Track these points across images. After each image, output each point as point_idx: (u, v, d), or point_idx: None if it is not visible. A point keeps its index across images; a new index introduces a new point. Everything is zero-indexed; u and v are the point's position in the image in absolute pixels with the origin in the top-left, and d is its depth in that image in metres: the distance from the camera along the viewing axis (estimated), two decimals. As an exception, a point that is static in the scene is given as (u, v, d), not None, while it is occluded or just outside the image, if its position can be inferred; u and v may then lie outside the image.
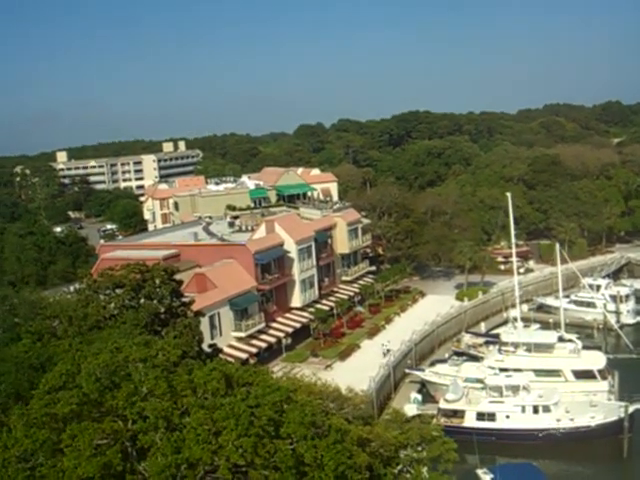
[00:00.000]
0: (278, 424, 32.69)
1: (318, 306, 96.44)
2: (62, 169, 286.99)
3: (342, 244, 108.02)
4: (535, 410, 70.17)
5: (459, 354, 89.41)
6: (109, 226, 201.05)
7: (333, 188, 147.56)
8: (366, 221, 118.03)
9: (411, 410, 70.73)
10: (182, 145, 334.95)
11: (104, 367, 34.27)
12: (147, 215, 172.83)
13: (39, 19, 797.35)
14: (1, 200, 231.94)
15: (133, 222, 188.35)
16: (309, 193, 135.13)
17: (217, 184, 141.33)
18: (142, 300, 53.37)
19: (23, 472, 30.62)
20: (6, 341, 50.18)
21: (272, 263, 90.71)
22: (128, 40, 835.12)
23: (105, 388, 34.12)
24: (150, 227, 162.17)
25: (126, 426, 33.71)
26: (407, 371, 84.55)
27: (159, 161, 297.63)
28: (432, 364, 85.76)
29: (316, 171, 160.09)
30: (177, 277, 59.47)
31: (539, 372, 77.37)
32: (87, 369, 34.42)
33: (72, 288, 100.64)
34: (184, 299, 57.51)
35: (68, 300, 55.23)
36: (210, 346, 59.66)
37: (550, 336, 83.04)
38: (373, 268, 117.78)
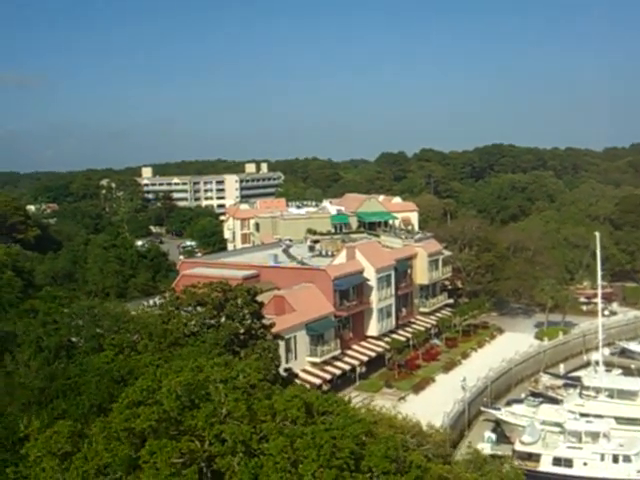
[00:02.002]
0: (359, 457, 31.82)
1: (394, 336, 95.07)
2: (146, 184, 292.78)
3: (422, 275, 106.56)
4: (615, 459, 67.44)
5: (536, 395, 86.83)
6: (189, 243, 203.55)
7: (414, 217, 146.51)
8: (447, 253, 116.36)
9: (485, 449, 68.81)
10: (264, 167, 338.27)
11: (185, 385, 33.97)
12: (227, 234, 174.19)
13: (125, 36, 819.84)
14: (86, 212, 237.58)
15: (213, 240, 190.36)
16: (390, 221, 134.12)
17: (298, 207, 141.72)
18: (223, 319, 53.23)
19: (102, 484, 30.45)
20: (88, 351, 50.53)
21: (351, 290, 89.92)
22: (215, 62, 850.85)
23: (185, 407, 33.79)
24: (229, 246, 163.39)
25: (203, 447, 33.30)
26: (483, 409, 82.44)
27: (241, 181, 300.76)
28: (508, 403, 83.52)
29: (397, 199, 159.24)
30: (257, 298, 59.16)
31: (621, 420, 74.34)
32: (168, 386, 34.16)
33: (152, 302, 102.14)
34: (264, 321, 57.12)
35: (150, 315, 55.33)
36: (286, 370, 59.06)
37: (634, 383, 79.95)
38: (451, 301, 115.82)
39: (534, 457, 69.72)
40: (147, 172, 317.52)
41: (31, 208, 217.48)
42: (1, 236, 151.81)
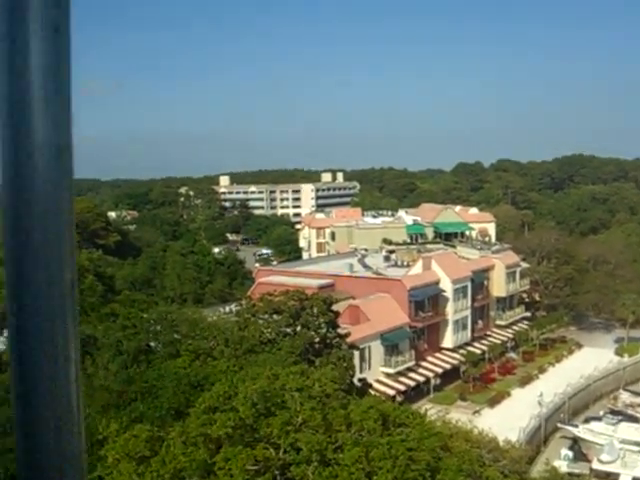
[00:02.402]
0: (434, 470, 31.45)
1: (470, 349, 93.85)
2: (224, 192, 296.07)
3: (499, 287, 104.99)
4: (697, 480, 65.22)
5: (615, 413, 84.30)
6: (264, 251, 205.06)
7: (491, 228, 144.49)
8: (525, 265, 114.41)
9: (561, 467, 67.28)
10: (340, 176, 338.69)
11: (261, 393, 34.16)
12: (302, 243, 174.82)
13: (202, 41, 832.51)
14: (165, 219, 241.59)
15: (288, 249, 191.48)
16: (467, 232, 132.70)
17: (374, 217, 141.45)
18: (299, 328, 53.35)
19: (178, 489, 30.77)
20: (166, 356, 51.27)
21: (426, 301, 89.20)
22: (293, 71, 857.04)
23: (260, 414, 33.95)
24: (304, 255, 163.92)
25: (277, 455, 33.37)
26: (560, 426, 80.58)
27: (317, 190, 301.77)
28: (586, 421, 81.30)
29: (474, 210, 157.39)
30: (333, 308, 59.14)
31: None
32: (244, 393, 34.40)
33: (228, 308, 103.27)
34: (339, 330, 57.04)
35: (226, 321, 55.89)
36: (360, 380, 58.80)
37: None
38: (528, 314, 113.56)
39: (612, 476, 67.89)
40: (225, 180, 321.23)
41: (112, 215, 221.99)
42: (83, 242, 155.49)
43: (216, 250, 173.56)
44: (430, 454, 31.36)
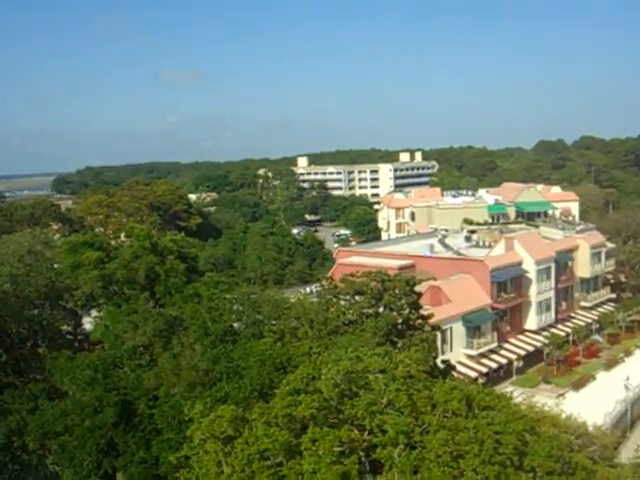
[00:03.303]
0: (522, 455, 30.99)
1: (553, 331, 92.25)
2: (302, 174, 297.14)
3: (583, 268, 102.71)
4: None
5: None
6: (343, 231, 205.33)
7: (574, 208, 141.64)
8: (610, 245, 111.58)
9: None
10: (418, 156, 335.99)
11: (345, 374, 34.14)
12: (381, 223, 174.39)
13: (279, 32, 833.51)
14: (244, 200, 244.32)
15: (367, 229, 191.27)
16: (550, 212, 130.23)
17: (454, 197, 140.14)
18: (381, 309, 53.14)
19: (267, 469, 30.99)
20: (249, 337, 51.73)
21: (509, 282, 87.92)
22: (371, 51, 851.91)
23: (344, 395, 33.96)
24: (384, 235, 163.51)
25: (362, 436, 33.37)
26: (647, 410, 78.59)
27: (395, 170, 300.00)
28: (675, 404, 79.20)
29: (556, 189, 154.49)
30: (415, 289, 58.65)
31: None
32: (328, 375, 34.44)
33: (308, 289, 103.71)
34: (422, 312, 56.64)
35: (310, 302, 56.03)
36: (443, 362, 58.27)
37: None
38: (614, 296, 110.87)
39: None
40: (302, 162, 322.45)
41: (192, 197, 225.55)
42: (165, 223, 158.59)
43: (295, 231, 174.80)
44: (517, 438, 30.91)
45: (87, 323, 74.73)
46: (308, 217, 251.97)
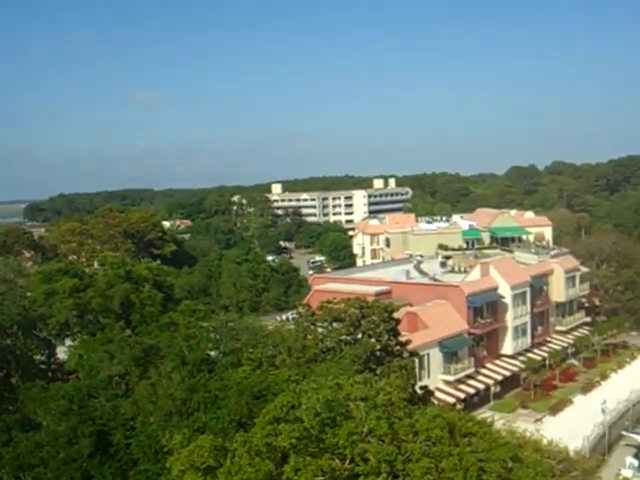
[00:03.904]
0: (506, 482, 30.79)
1: (530, 355, 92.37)
2: (276, 200, 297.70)
3: (558, 292, 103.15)
4: None
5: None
6: (318, 258, 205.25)
7: (547, 232, 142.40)
8: (584, 269, 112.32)
9: (627, 475, 65.57)
10: (392, 182, 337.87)
11: (325, 402, 33.79)
12: (356, 249, 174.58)
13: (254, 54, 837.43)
14: (219, 227, 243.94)
15: (342, 255, 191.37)
16: (524, 237, 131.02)
17: (429, 223, 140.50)
18: (359, 336, 52.95)
19: (247, 501, 30.52)
20: (227, 365, 51.28)
21: (485, 307, 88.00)
22: (345, 79, 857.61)
23: (325, 424, 33.58)
24: (359, 262, 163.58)
25: (344, 465, 32.99)
26: (624, 433, 78.58)
27: (369, 197, 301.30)
28: (652, 428, 79.38)
29: (530, 214, 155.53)
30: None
31: None
32: (308, 403, 34.07)
33: (284, 316, 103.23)
34: (400, 338, 56.50)
35: (287, 330, 55.73)
36: (421, 388, 58.11)
37: None
38: (589, 319, 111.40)
39: (680, 484, 65.98)
40: (277, 188, 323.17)
41: (166, 224, 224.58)
42: (139, 251, 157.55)
43: (270, 258, 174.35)
44: (501, 465, 30.71)
45: (61, 352, 73.78)
46: (283, 244, 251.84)
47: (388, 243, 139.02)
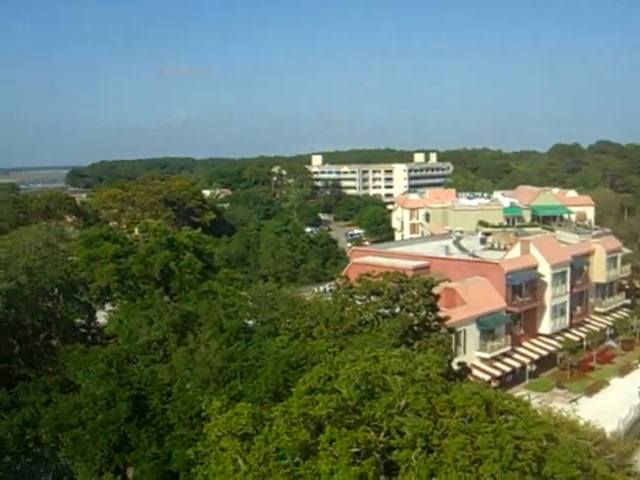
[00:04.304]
0: (541, 461, 30.62)
1: (567, 335, 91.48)
2: (316, 172, 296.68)
3: (599, 273, 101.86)
4: None
5: None
6: (356, 231, 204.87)
7: (590, 212, 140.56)
8: (626, 251, 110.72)
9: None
10: (433, 157, 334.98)
11: (363, 375, 33.82)
12: (395, 224, 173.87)
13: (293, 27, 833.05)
14: (258, 197, 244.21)
15: (380, 229, 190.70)
16: (566, 216, 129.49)
17: (469, 199, 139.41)
18: (397, 310, 52.80)
19: (283, 468, 30.73)
20: (264, 334, 51.54)
21: (524, 285, 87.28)
22: (382, 51, 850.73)
23: (362, 397, 33.65)
24: (397, 236, 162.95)
25: (379, 438, 33.05)
26: (661, 417, 77.85)
27: (409, 171, 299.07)
28: (689, 412, 78.42)
29: (572, 193, 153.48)
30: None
31: None
32: (346, 375, 34.14)
33: (322, 288, 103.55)
34: (439, 314, 56.28)
35: (325, 302, 55.79)
36: (459, 364, 57.89)
37: None
38: (628, 301, 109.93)
39: None
40: (317, 160, 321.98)
41: (206, 193, 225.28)
42: (179, 219, 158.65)
43: (308, 229, 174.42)
44: (537, 444, 30.53)
45: (101, 317, 74.72)
46: (321, 216, 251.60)
47: (428, 218, 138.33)
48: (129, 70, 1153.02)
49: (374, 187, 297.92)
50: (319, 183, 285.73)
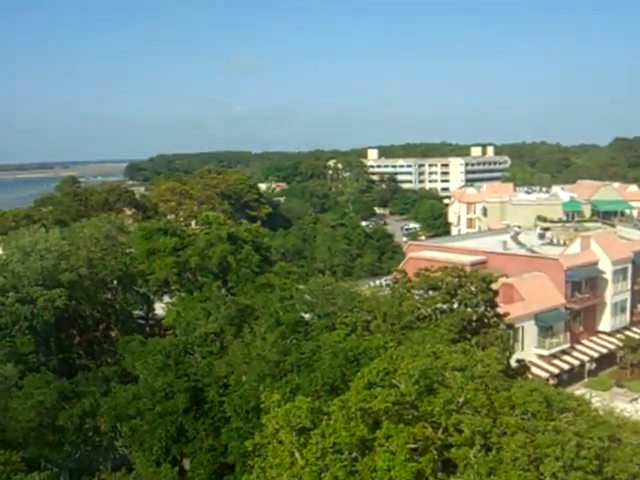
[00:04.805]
0: (603, 461, 29.99)
1: (628, 333, 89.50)
2: (372, 166, 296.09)
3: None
4: None
5: None
6: (412, 225, 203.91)
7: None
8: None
9: None
10: (490, 150, 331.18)
11: (422, 370, 33.55)
12: (452, 218, 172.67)
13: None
14: (314, 191, 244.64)
15: (437, 224, 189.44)
16: (627, 211, 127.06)
17: (528, 193, 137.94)
18: (455, 305, 52.34)
19: (340, 463, 30.63)
20: (321, 328, 51.52)
21: (584, 282, 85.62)
22: (441, 44, 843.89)
23: (421, 392, 33.39)
24: (454, 230, 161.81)
25: (436, 435, 32.76)
26: None
27: (466, 165, 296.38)
28: None
29: (633, 188, 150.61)
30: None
31: None
32: (405, 369, 33.89)
33: (378, 282, 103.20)
34: (497, 309, 55.63)
35: (383, 296, 55.55)
36: (518, 361, 57.20)
37: None
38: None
39: None
40: (372, 154, 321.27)
41: (262, 186, 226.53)
42: (236, 212, 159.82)
43: (364, 223, 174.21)
44: (599, 443, 29.92)
45: (158, 308, 75.64)
46: (377, 209, 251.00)
47: (485, 212, 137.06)
48: (193, 63, 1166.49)
49: (430, 181, 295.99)
50: (375, 177, 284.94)
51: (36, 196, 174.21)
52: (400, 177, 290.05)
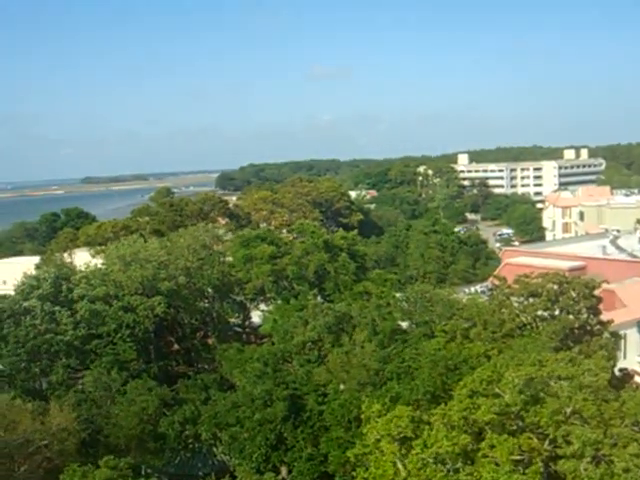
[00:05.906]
0: None
1: None
2: (462, 171, 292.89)
3: None
4: None
5: None
6: (505, 230, 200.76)
7: None
8: None
9: None
10: (584, 153, 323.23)
11: (527, 379, 32.84)
12: (546, 223, 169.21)
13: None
14: (404, 198, 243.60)
15: (530, 229, 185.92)
16: None
17: (627, 196, 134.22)
18: (557, 312, 51.06)
19: (442, 474, 30.19)
20: (420, 336, 51.09)
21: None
22: (522, 45, 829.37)
23: (526, 402, 32.67)
24: (548, 236, 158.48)
25: (543, 445, 31.98)
26: None
27: (560, 168, 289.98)
28: None
29: None
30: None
31: None
32: (509, 379, 33.24)
33: (473, 289, 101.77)
34: (601, 317, 54.03)
35: (483, 303, 54.67)
36: (620, 370, 55.36)
37: None
38: None
39: None
40: (463, 159, 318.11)
41: (352, 194, 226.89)
42: (327, 220, 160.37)
43: (456, 229, 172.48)
44: None
45: (255, 316, 76.43)
46: (468, 215, 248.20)
47: (582, 217, 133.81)
48: (277, 73, 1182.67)
49: (522, 185, 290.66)
50: (465, 182, 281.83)
51: (132, 207, 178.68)
52: (491, 182, 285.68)
